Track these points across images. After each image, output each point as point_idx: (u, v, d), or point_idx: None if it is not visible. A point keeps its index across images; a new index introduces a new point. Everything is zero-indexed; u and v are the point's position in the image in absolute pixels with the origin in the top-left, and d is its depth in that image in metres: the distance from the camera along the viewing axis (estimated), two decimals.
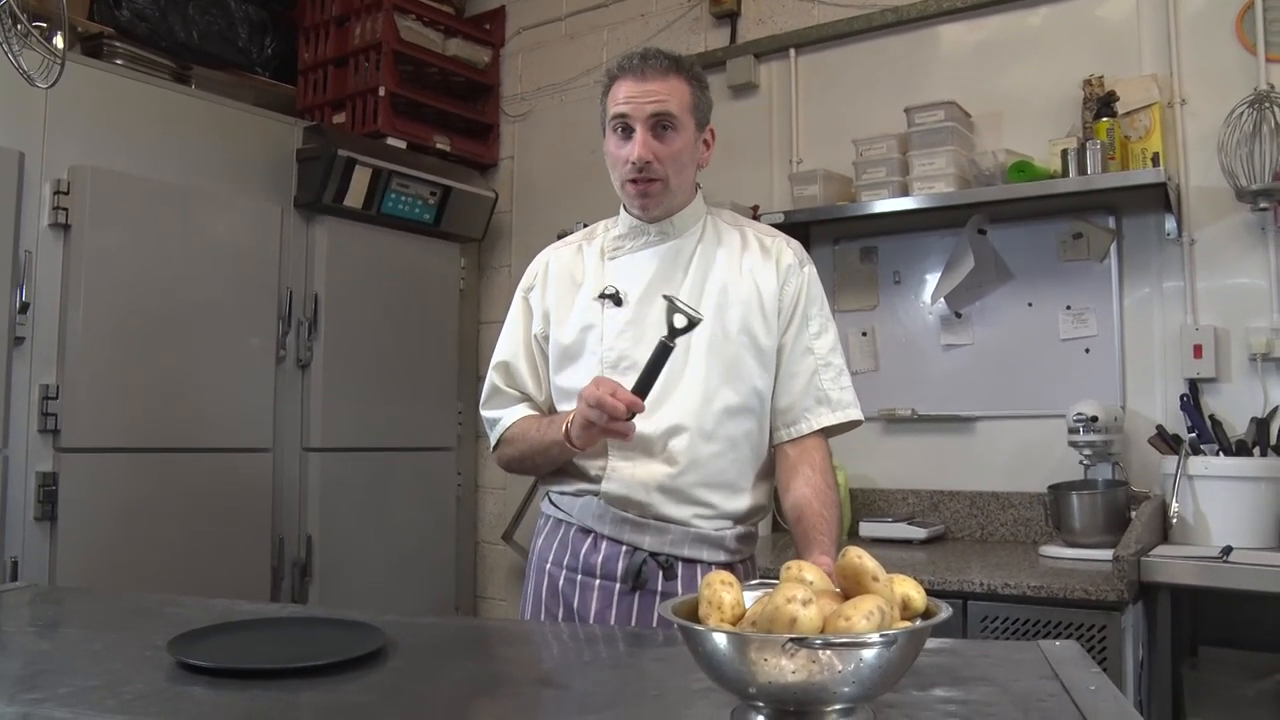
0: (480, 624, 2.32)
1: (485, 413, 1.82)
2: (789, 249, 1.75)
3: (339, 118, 3.54)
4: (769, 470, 1.74)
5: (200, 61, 3.25)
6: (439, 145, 3.68)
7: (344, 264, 3.26)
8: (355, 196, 3.21)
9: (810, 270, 1.75)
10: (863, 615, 0.86)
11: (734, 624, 0.95)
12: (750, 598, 0.99)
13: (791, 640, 0.84)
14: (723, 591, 0.96)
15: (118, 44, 2.99)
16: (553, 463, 1.70)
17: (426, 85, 3.69)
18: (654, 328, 1.64)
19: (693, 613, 0.98)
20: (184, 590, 2.10)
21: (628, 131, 1.64)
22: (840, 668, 0.86)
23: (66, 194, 2.62)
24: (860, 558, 0.93)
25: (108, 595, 1.82)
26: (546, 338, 1.77)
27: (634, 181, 1.65)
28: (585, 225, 3.21)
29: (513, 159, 3.94)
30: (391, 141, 3.45)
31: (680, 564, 1.65)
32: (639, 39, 3.61)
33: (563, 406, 1.73)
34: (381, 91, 3.45)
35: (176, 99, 2.98)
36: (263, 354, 3.06)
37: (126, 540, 2.67)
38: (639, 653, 1.38)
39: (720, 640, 0.89)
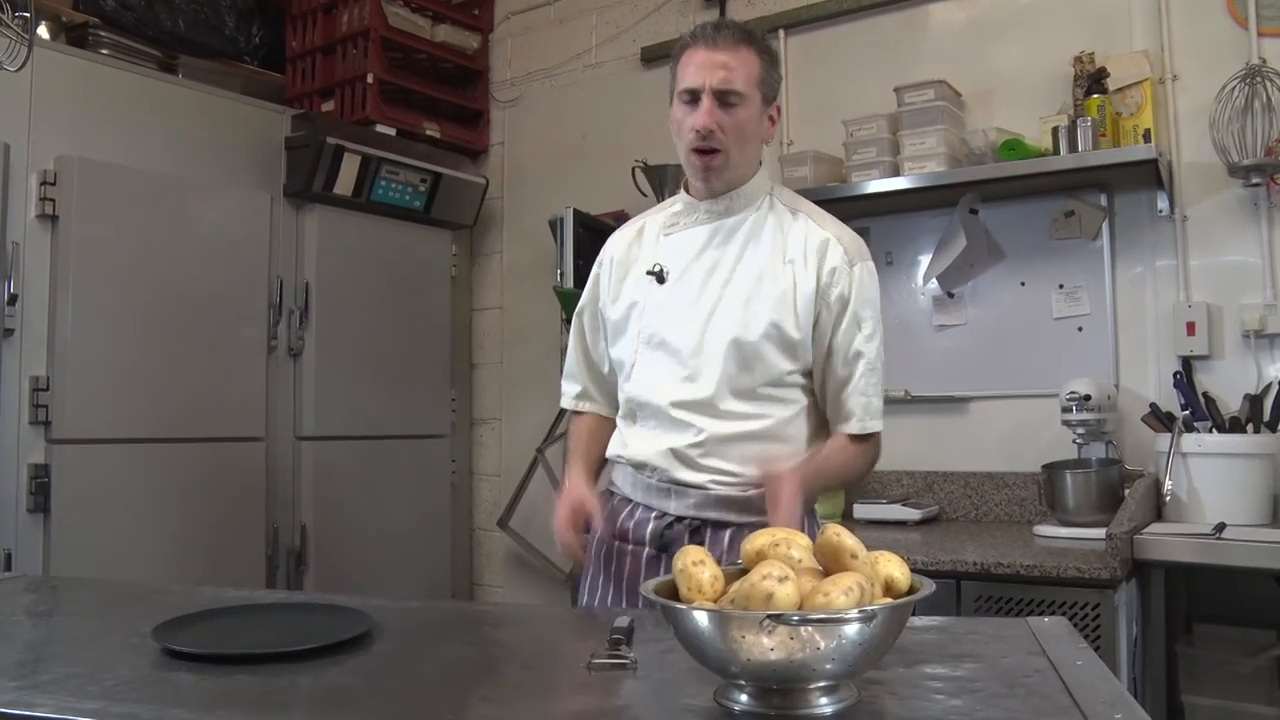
0: (467, 607, 2.32)
1: (564, 384, 1.94)
2: (839, 247, 1.70)
3: (328, 105, 3.52)
4: (798, 435, 1.73)
5: (187, 50, 3.23)
6: (429, 132, 3.67)
7: (334, 252, 3.25)
8: (345, 184, 3.20)
9: (862, 268, 1.71)
10: (841, 591, 0.86)
11: (714, 601, 0.94)
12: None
13: (769, 617, 0.83)
14: (697, 572, 0.95)
15: (103, 33, 2.97)
16: None
17: (415, 72, 3.67)
18: (684, 306, 1.69)
19: (675, 591, 0.98)
20: (179, 581, 2.10)
21: (695, 100, 1.64)
22: (821, 645, 0.85)
23: (53, 185, 2.61)
24: (839, 535, 0.93)
25: (97, 584, 1.81)
26: (603, 315, 1.85)
27: (698, 151, 1.65)
28: (576, 211, 3.26)
29: (503, 145, 3.92)
30: (381, 129, 3.43)
31: (709, 527, 1.67)
32: (628, 22, 3.59)
33: (618, 375, 1.81)
34: (370, 78, 3.43)
35: (163, 88, 2.96)
36: (254, 343, 3.05)
37: (120, 531, 2.67)
38: None
39: (699, 618, 0.89)
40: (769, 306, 1.66)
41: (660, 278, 1.73)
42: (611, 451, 1.79)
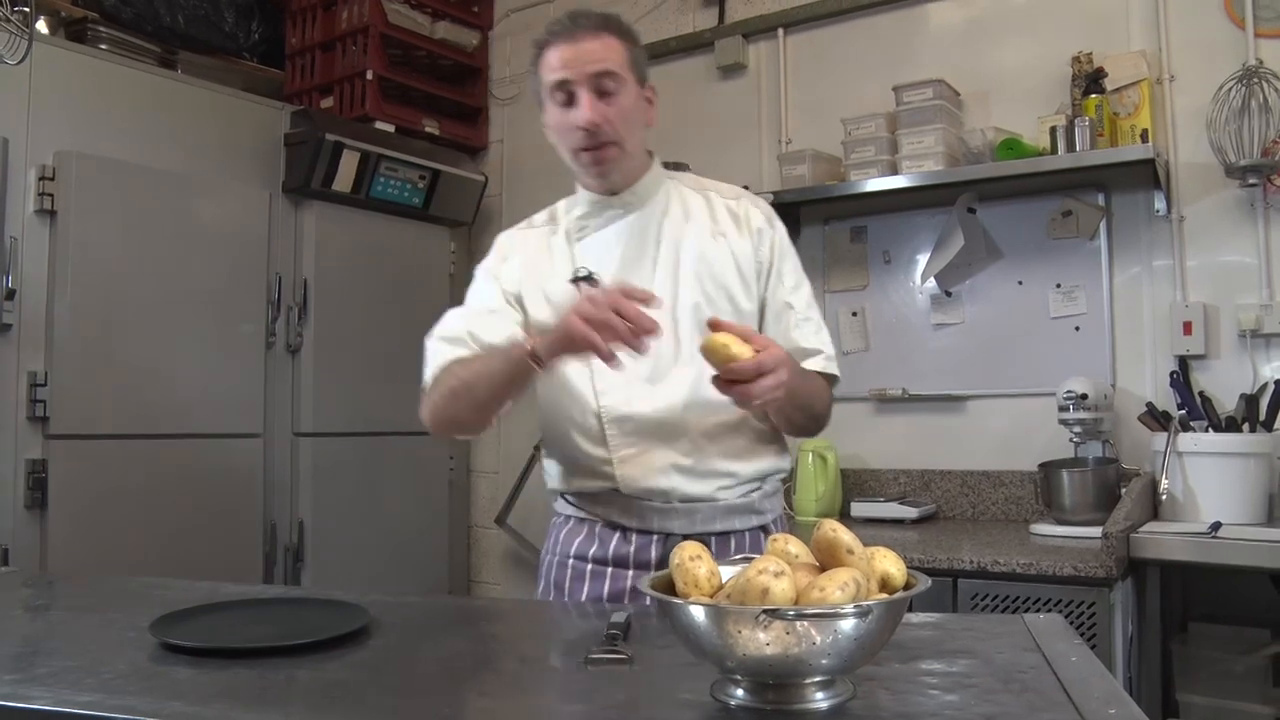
0: (464, 602, 2.32)
1: (432, 344, 1.68)
2: (756, 210, 1.70)
3: (327, 102, 3.52)
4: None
5: (186, 46, 3.23)
6: (428, 129, 3.67)
7: (333, 248, 3.25)
8: (344, 181, 3.20)
9: (780, 227, 1.71)
10: (837, 586, 0.86)
11: (711, 596, 0.95)
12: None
13: (765, 612, 0.83)
14: (694, 567, 0.95)
15: (102, 28, 2.97)
16: (495, 395, 1.54)
17: (415, 68, 3.67)
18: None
19: (671, 586, 0.98)
20: (176, 577, 2.10)
21: (570, 98, 1.56)
22: (817, 640, 0.86)
23: (52, 180, 2.61)
24: (835, 530, 0.93)
25: (94, 578, 1.81)
26: (521, 301, 1.68)
27: (586, 149, 1.58)
28: None
29: (502, 142, 3.92)
30: (380, 125, 3.43)
31: (714, 539, 1.61)
32: (627, 20, 3.58)
33: (554, 382, 1.64)
34: (369, 75, 3.43)
35: (163, 84, 2.96)
36: (252, 339, 3.05)
37: (118, 527, 2.67)
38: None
39: (696, 613, 0.89)
40: (719, 282, 1.63)
41: (592, 281, 1.61)
42: (588, 486, 1.65)
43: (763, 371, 1.33)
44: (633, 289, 1.37)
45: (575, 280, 1.63)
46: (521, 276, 1.69)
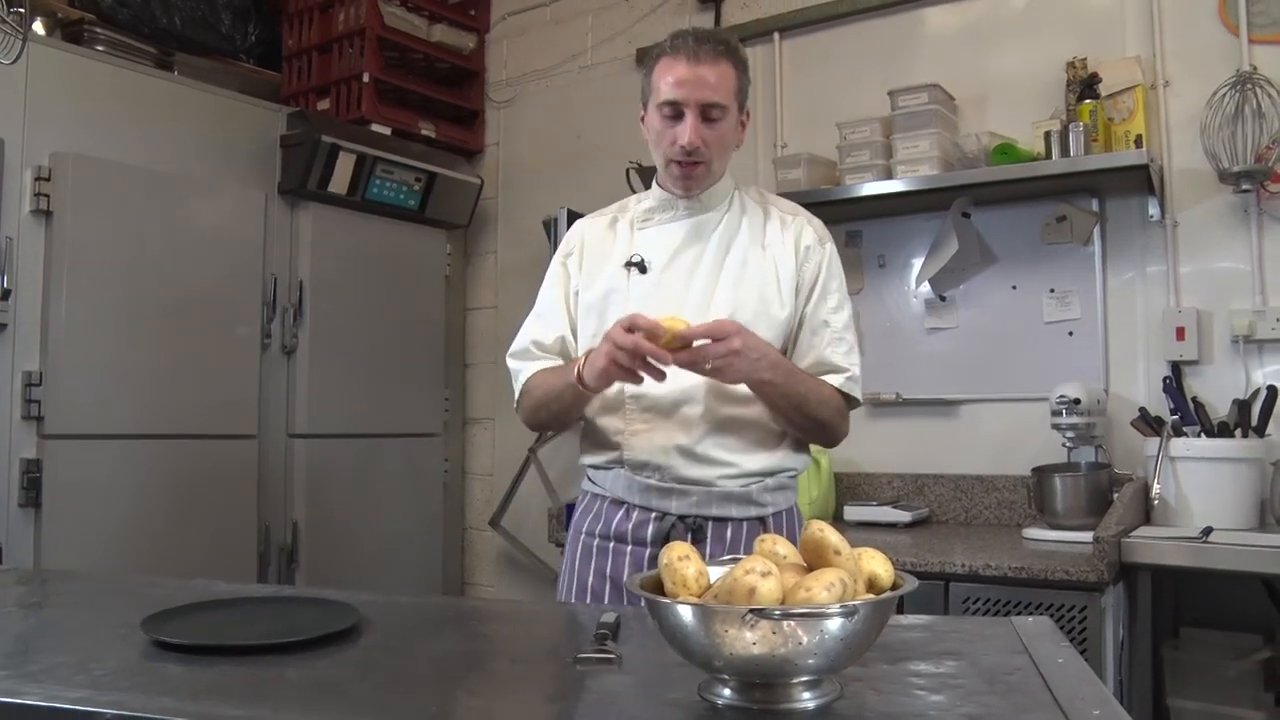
0: (454, 602, 2.33)
1: (510, 362, 1.87)
2: (809, 227, 1.79)
3: (323, 104, 3.53)
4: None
5: (183, 48, 3.23)
6: (424, 131, 3.67)
7: (329, 250, 3.26)
8: (340, 183, 3.20)
9: (830, 248, 1.80)
10: (823, 587, 0.86)
11: (699, 596, 0.95)
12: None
13: (751, 611, 0.84)
14: (681, 567, 0.96)
15: (98, 30, 2.97)
16: (567, 409, 1.75)
17: (411, 71, 3.68)
18: (675, 295, 1.72)
19: (660, 586, 0.98)
20: (170, 577, 2.10)
21: (677, 115, 1.68)
22: (803, 640, 0.86)
23: (48, 180, 2.62)
24: (822, 530, 0.93)
25: (88, 577, 1.82)
26: (579, 293, 1.82)
27: (680, 163, 1.70)
28: (570, 211, 3.26)
29: (498, 145, 3.93)
30: (376, 128, 3.44)
31: (710, 524, 1.69)
32: (624, 24, 3.60)
33: None
34: (366, 78, 3.44)
35: (159, 85, 2.97)
36: (248, 341, 3.05)
37: (112, 527, 2.68)
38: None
39: (683, 612, 0.89)
40: (756, 287, 1.72)
41: (642, 268, 1.75)
42: (601, 458, 1.76)
43: (713, 337, 1.52)
44: (643, 322, 1.51)
45: (627, 265, 1.77)
46: (585, 265, 1.83)
